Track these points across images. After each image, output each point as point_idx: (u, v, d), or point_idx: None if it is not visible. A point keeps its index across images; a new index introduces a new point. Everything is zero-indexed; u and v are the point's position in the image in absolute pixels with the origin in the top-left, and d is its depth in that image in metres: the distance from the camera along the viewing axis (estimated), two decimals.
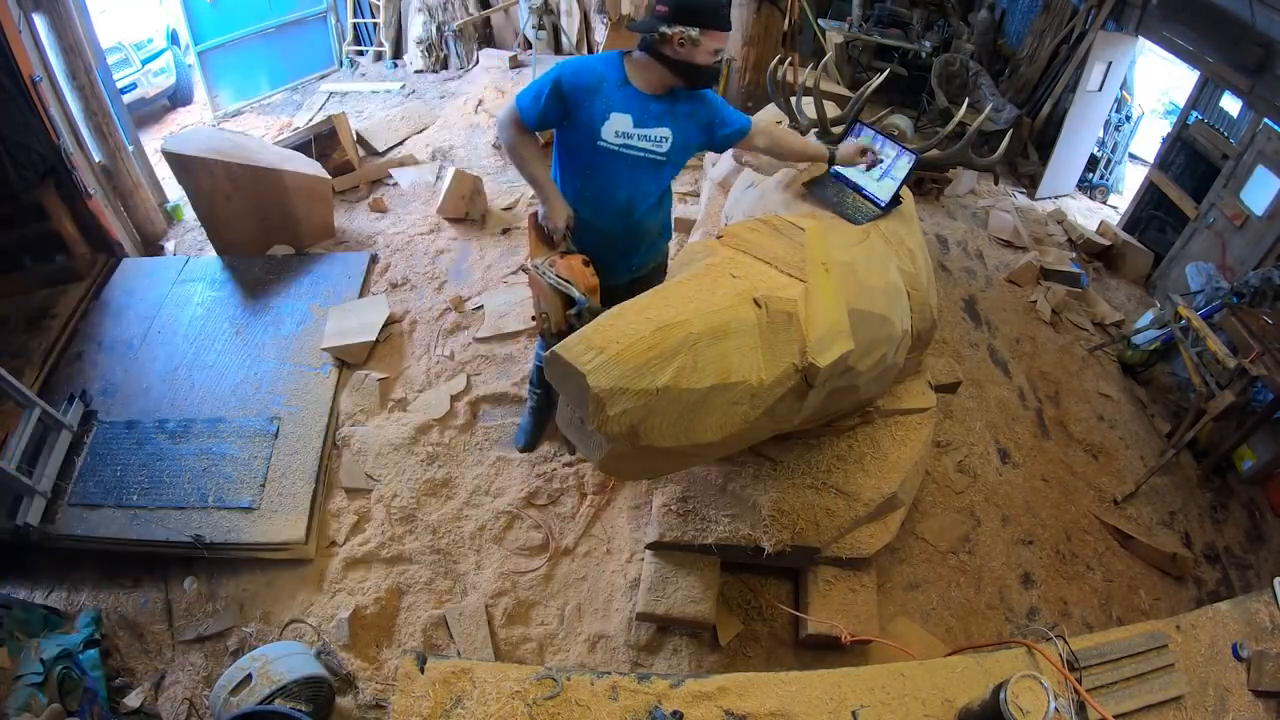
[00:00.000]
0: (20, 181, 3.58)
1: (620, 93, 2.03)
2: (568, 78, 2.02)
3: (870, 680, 1.49)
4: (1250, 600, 1.73)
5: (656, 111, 2.06)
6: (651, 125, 2.07)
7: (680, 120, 2.10)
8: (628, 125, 2.05)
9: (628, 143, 2.07)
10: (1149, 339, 3.99)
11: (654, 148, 2.10)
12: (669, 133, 2.09)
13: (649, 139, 2.08)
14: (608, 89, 2.03)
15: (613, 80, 2.03)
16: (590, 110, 2.03)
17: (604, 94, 2.03)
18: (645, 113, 2.05)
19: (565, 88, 2.02)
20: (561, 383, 1.57)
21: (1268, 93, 4.06)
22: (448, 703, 1.32)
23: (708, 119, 2.14)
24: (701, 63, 1.96)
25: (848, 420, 2.47)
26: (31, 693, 2.13)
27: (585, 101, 2.02)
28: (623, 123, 2.04)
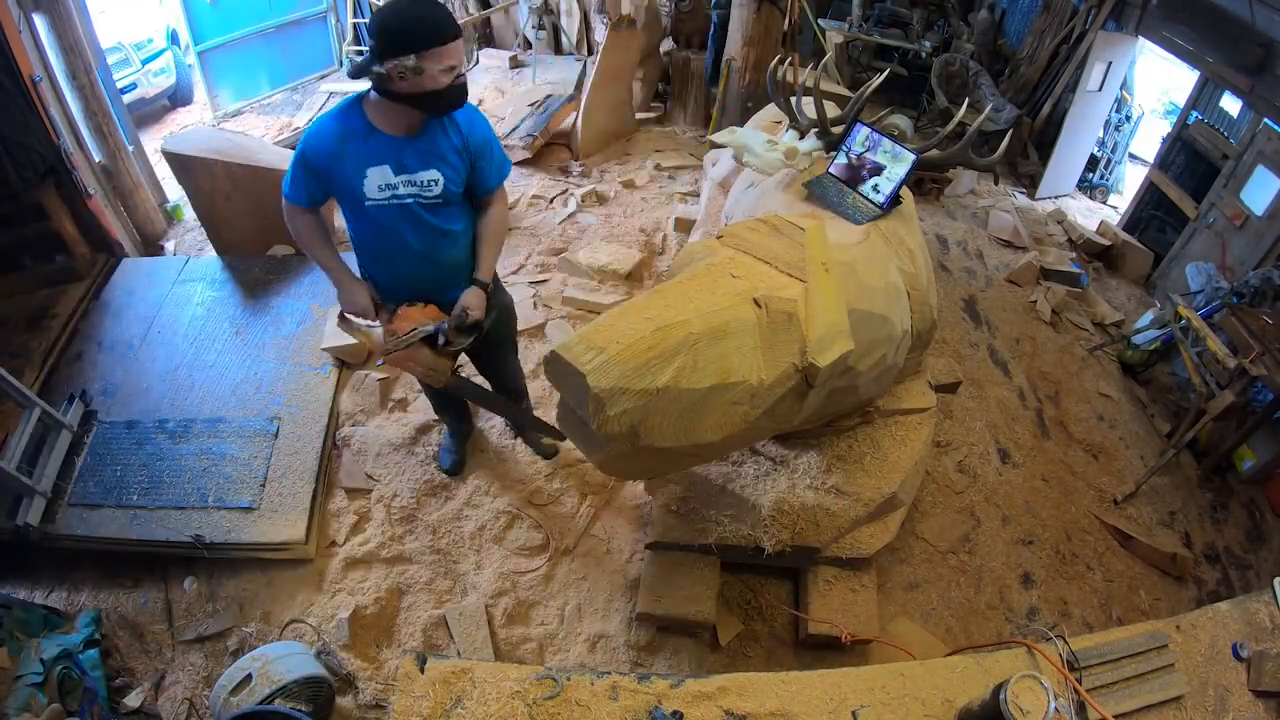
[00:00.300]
0: (20, 181, 3.57)
1: (370, 144, 1.86)
2: (310, 150, 1.87)
3: (870, 680, 1.49)
4: (1250, 600, 1.73)
5: (416, 154, 1.89)
6: (415, 170, 1.90)
7: (448, 157, 1.93)
8: (389, 176, 1.89)
9: (395, 194, 1.92)
10: (1149, 339, 3.99)
11: (424, 192, 1.94)
12: (438, 175, 1.92)
13: (416, 184, 1.92)
14: (354, 146, 1.85)
15: (357, 133, 1.85)
16: (345, 173, 1.87)
17: (353, 152, 1.85)
18: (404, 158, 1.88)
19: (310, 160, 1.88)
20: (561, 383, 1.57)
21: (1268, 93, 4.06)
22: (448, 703, 1.32)
23: (474, 150, 1.97)
24: (435, 88, 1.74)
25: (848, 420, 2.47)
26: (31, 693, 2.13)
27: (336, 166, 1.87)
28: (382, 175, 1.88)
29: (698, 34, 5.86)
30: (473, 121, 1.97)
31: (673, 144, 5.70)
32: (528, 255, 4.30)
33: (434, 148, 1.91)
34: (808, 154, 2.42)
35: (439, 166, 1.92)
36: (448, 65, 1.74)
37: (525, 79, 6.29)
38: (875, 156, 2.29)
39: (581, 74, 5.61)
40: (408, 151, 1.88)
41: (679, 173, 5.22)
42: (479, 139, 1.97)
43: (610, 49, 5.07)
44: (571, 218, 4.66)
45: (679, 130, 5.95)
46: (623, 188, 4.98)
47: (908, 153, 2.22)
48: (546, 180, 5.06)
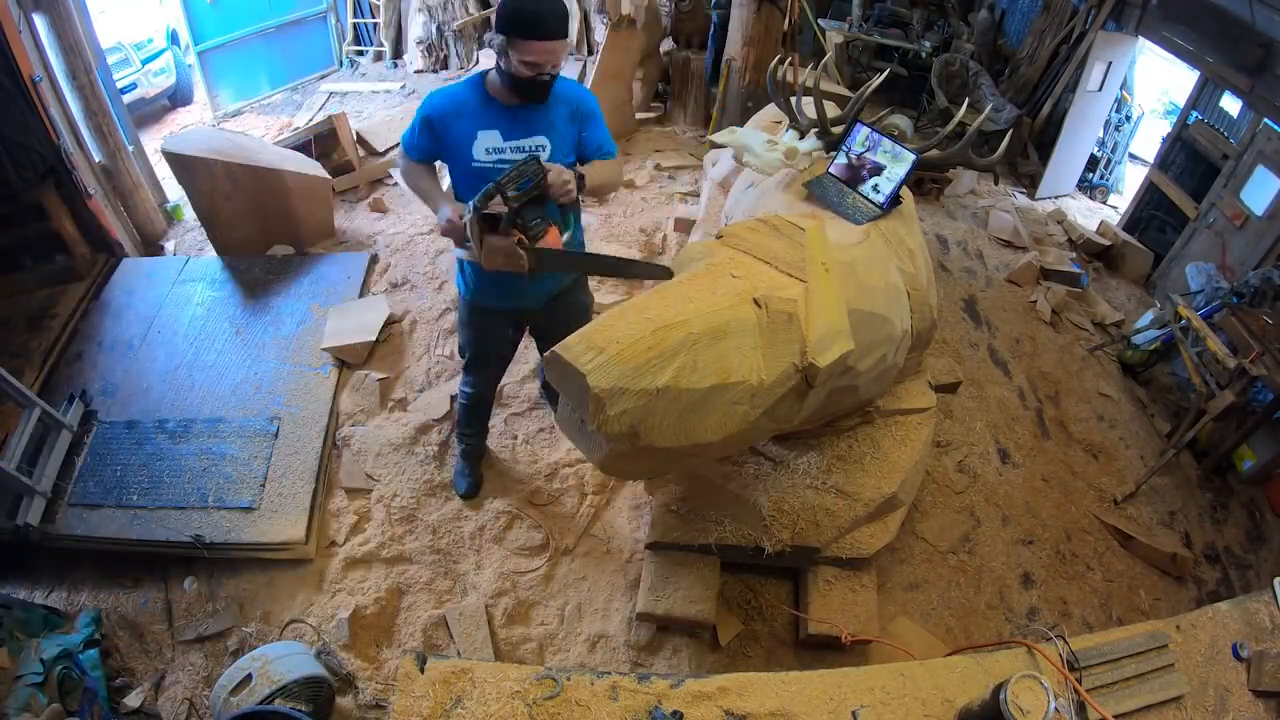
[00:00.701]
0: (20, 181, 3.58)
1: (485, 111, 1.98)
2: (433, 108, 2.00)
3: (870, 680, 1.49)
4: (1250, 600, 1.73)
5: (527, 121, 1.99)
6: (522, 136, 2.00)
7: (557, 125, 2.03)
8: (497, 140, 1.99)
9: (501, 158, 2.00)
10: (1149, 339, 3.99)
11: (522, 153, 2.01)
12: (545, 141, 2.01)
13: (524, 150, 2.00)
14: (471, 109, 1.98)
15: (475, 100, 1.98)
16: (457, 134, 1.99)
17: (468, 115, 1.98)
18: (514, 125, 1.99)
19: (433, 117, 2.00)
20: (561, 383, 1.57)
21: (1268, 93, 4.06)
22: (448, 703, 1.32)
23: (583, 116, 2.08)
24: (517, 74, 1.86)
25: (848, 420, 2.47)
26: (31, 693, 2.13)
27: (453, 126, 1.99)
28: (491, 139, 1.99)
29: (698, 34, 5.86)
30: (581, 95, 2.09)
31: (673, 144, 5.69)
32: None
33: (544, 115, 2.00)
34: (808, 154, 2.42)
35: (547, 133, 2.01)
36: (529, 59, 1.82)
37: None
38: (875, 156, 2.29)
39: (581, 74, 5.61)
40: (518, 119, 1.99)
41: (679, 173, 5.22)
42: (587, 108, 2.08)
43: (610, 49, 5.08)
44: None
45: (679, 130, 5.95)
46: (623, 187, 4.98)
47: (908, 153, 2.22)
48: None
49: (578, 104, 2.06)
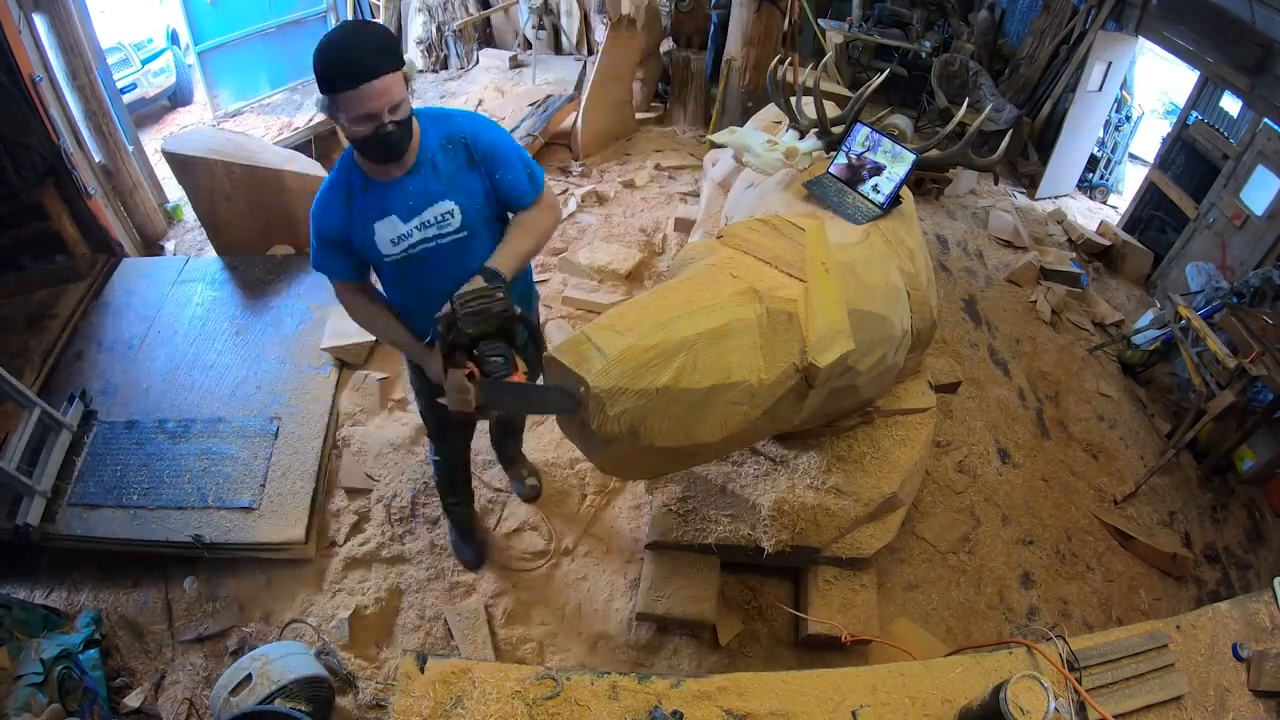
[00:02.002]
0: (20, 181, 3.57)
1: (369, 195, 1.64)
2: (317, 221, 1.69)
3: (870, 680, 1.49)
4: (1250, 600, 1.73)
5: (417, 188, 1.64)
6: (422, 208, 1.66)
7: (456, 179, 1.67)
8: (397, 226, 1.66)
9: (410, 244, 1.68)
10: (1149, 339, 3.99)
11: (443, 230, 1.69)
12: (450, 205, 1.67)
13: (431, 224, 1.67)
14: (357, 200, 1.65)
15: (355, 186, 1.65)
16: (358, 236, 1.67)
17: (356, 208, 1.65)
18: (406, 199, 1.64)
19: (324, 235, 1.70)
20: (562, 383, 1.57)
21: (1268, 93, 4.06)
22: (448, 703, 1.32)
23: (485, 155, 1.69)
24: (355, 136, 1.51)
25: (848, 420, 2.47)
26: (31, 693, 2.13)
27: (346, 229, 1.67)
28: (390, 227, 1.65)
29: (698, 34, 5.86)
30: (475, 129, 1.70)
31: (673, 144, 5.69)
32: None
33: (432, 173, 1.65)
34: (808, 154, 2.42)
35: (450, 195, 1.67)
36: (360, 113, 1.45)
37: (525, 79, 6.29)
38: (875, 156, 2.29)
39: (581, 74, 5.61)
40: (406, 189, 1.63)
41: (679, 173, 5.22)
42: (485, 144, 1.69)
43: (610, 49, 5.07)
44: (571, 218, 4.66)
45: (679, 130, 5.95)
46: (623, 188, 4.98)
47: (908, 153, 2.22)
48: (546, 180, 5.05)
49: (471, 141, 1.68)
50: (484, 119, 1.76)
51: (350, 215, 1.66)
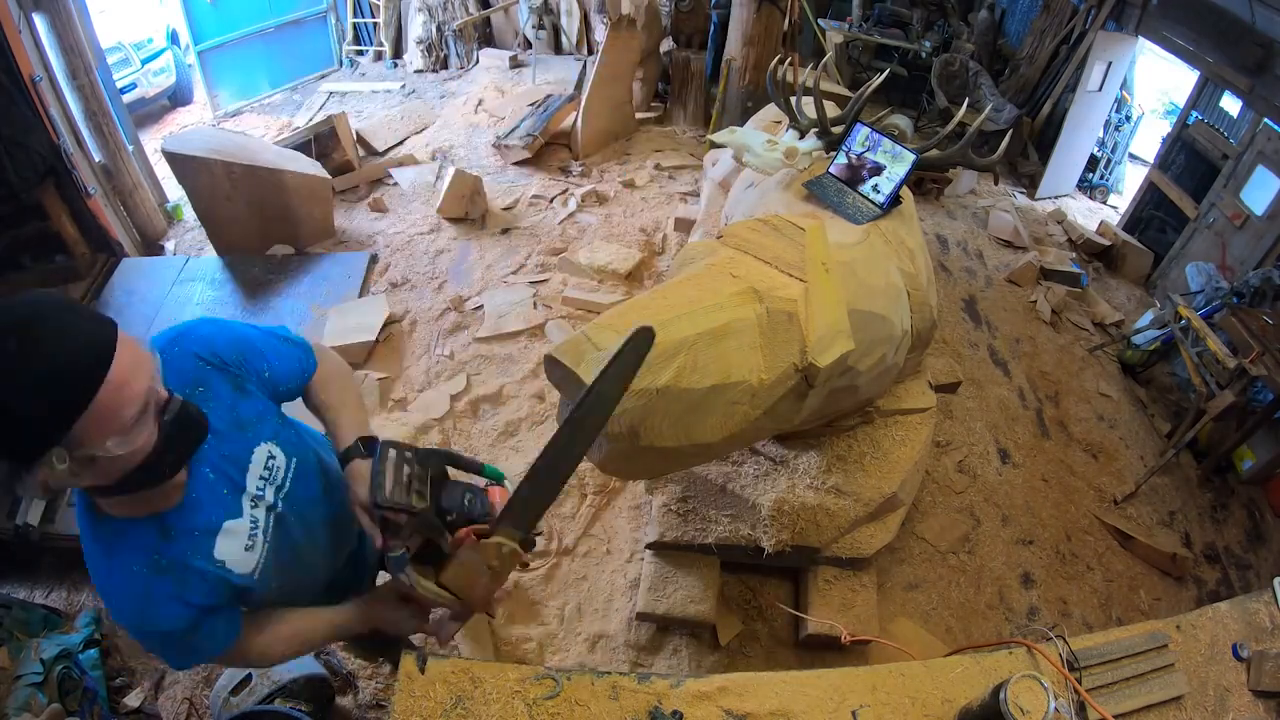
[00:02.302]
0: (20, 181, 3.58)
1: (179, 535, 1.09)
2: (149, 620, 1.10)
3: (870, 680, 1.48)
4: (1250, 600, 1.73)
5: (224, 460, 1.15)
6: (245, 477, 1.18)
7: (240, 413, 1.19)
8: (238, 524, 1.16)
9: (255, 527, 1.19)
10: (1149, 339, 3.99)
11: (283, 482, 1.25)
12: (267, 447, 1.22)
13: (268, 483, 1.22)
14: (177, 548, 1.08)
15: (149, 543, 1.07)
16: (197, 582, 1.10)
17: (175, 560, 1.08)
18: (219, 497, 1.14)
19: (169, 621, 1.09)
20: (561, 384, 1.57)
21: (1268, 93, 4.06)
22: (448, 703, 1.32)
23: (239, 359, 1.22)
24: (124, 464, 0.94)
25: (848, 420, 2.47)
26: (31, 693, 2.13)
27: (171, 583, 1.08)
28: (231, 535, 1.15)
29: (698, 34, 5.86)
30: (212, 341, 1.21)
31: (673, 144, 5.70)
32: (528, 255, 4.30)
33: (229, 429, 1.16)
34: (808, 154, 2.42)
35: (258, 438, 1.21)
36: (126, 419, 0.90)
37: (525, 79, 6.29)
38: (875, 156, 2.29)
39: (581, 74, 5.61)
40: (220, 477, 1.15)
41: (679, 173, 5.22)
42: (226, 350, 1.21)
43: (610, 49, 5.08)
44: (571, 218, 4.66)
45: (679, 130, 5.95)
46: (623, 188, 4.98)
47: (908, 153, 2.22)
48: (546, 180, 5.06)
49: (225, 363, 1.19)
50: (209, 323, 1.25)
51: (182, 573, 1.08)
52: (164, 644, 1.15)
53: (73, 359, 0.86)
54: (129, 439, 0.92)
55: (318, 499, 1.34)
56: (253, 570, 1.18)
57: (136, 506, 1.06)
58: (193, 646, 1.15)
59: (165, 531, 1.08)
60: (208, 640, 1.16)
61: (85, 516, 1.08)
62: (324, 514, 1.36)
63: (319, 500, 1.34)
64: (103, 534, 1.07)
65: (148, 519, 1.07)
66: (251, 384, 1.23)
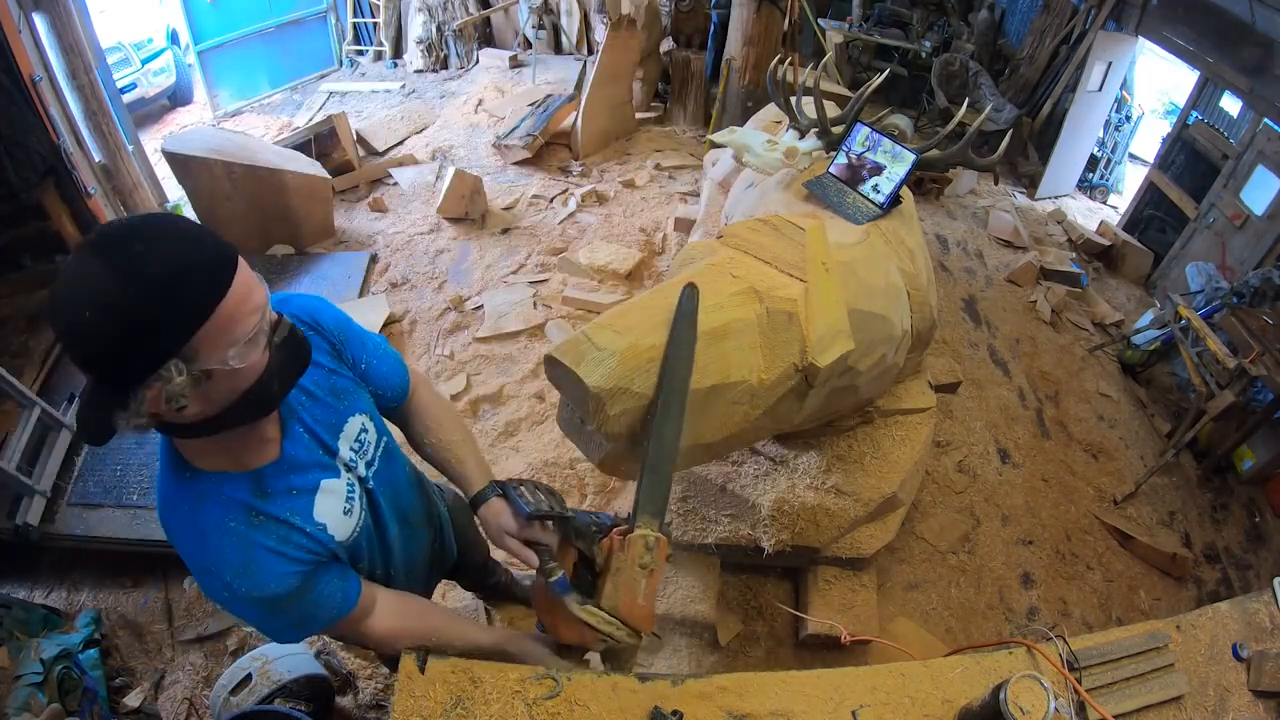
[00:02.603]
0: (20, 181, 3.57)
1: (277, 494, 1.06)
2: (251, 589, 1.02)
3: (870, 680, 1.48)
4: (1250, 600, 1.73)
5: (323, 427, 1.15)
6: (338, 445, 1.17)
7: (338, 385, 1.19)
8: (337, 491, 1.15)
9: (351, 498, 1.17)
10: (1149, 339, 3.99)
11: (373, 457, 1.25)
12: (359, 419, 1.21)
13: (358, 455, 1.21)
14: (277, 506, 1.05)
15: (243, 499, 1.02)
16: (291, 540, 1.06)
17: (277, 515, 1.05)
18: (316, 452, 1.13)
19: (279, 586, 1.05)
20: (561, 383, 1.57)
21: (1268, 93, 4.06)
22: (448, 703, 1.32)
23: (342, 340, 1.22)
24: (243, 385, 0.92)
25: (848, 420, 2.47)
26: (31, 692, 2.13)
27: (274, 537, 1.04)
28: (329, 495, 1.13)
29: (698, 34, 5.87)
30: (315, 311, 1.20)
31: (673, 144, 5.70)
32: (528, 255, 4.30)
33: (324, 395, 1.16)
34: (808, 154, 2.42)
35: (353, 409, 1.20)
36: (245, 331, 0.89)
37: (525, 79, 6.29)
38: (875, 156, 2.29)
39: (581, 74, 5.61)
40: (312, 438, 1.14)
41: (679, 173, 5.22)
42: (334, 326, 1.22)
43: (610, 49, 5.08)
44: (571, 217, 4.66)
45: (679, 130, 5.95)
46: (623, 188, 4.98)
47: (908, 153, 2.22)
48: (546, 180, 5.06)
49: (323, 330, 1.19)
50: (314, 299, 1.23)
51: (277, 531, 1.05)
52: (274, 612, 1.06)
53: (199, 263, 0.85)
54: (245, 352, 0.90)
55: (403, 487, 1.33)
56: (350, 536, 1.16)
57: (232, 458, 1.03)
58: (307, 612, 1.08)
59: (261, 488, 1.04)
60: (323, 603, 1.09)
61: (168, 477, 1.03)
62: (407, 505, 1.35)
63: (404, 489, 1.34)
64: (191, 494, 1.01)
65: (242, 475, 1.02)
66: (345, 360, 1.22)
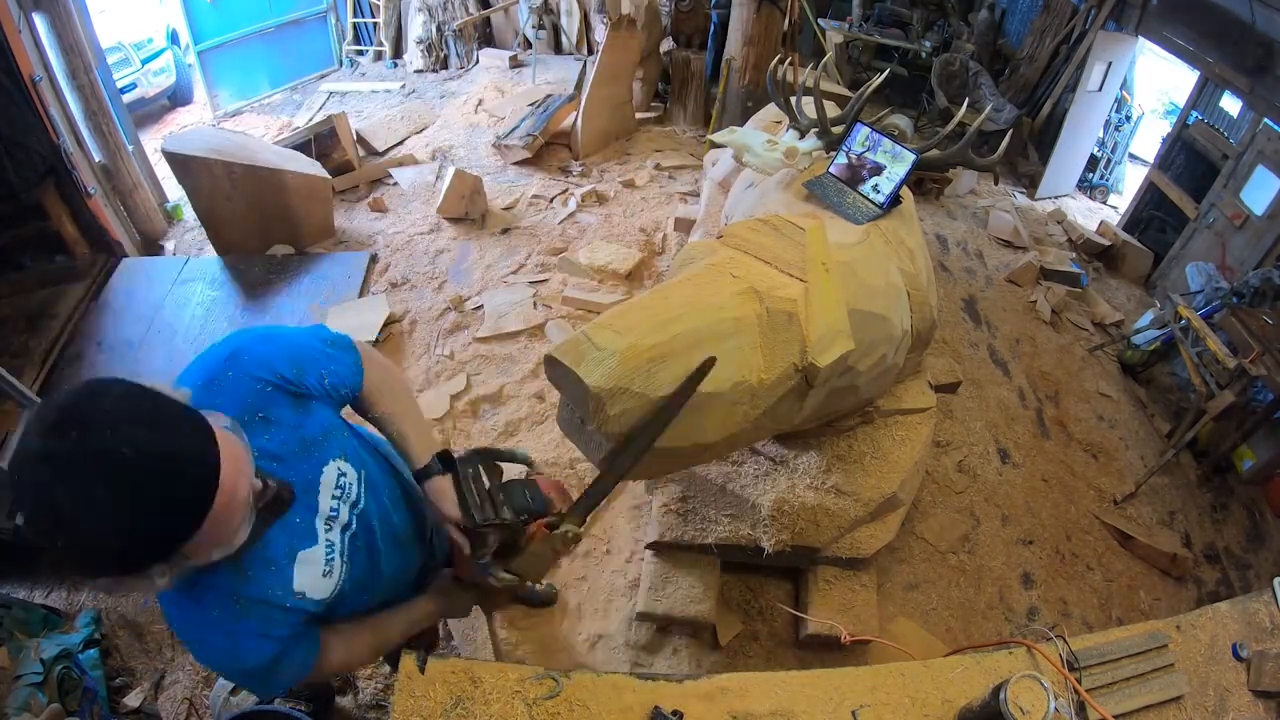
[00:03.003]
0: (20, 181, 3.58)
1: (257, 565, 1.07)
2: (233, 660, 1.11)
3: (870, 680, 1.48)
4: (1250, 600, 1.73)
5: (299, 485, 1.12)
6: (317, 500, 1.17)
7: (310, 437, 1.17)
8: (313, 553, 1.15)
9: (332, 553, 1.18)
10: (1149, 339, 3.99)
11: (355, 500, 1.25)
12: (337, 466, 1.21)
13: (343, 503, 1.22)
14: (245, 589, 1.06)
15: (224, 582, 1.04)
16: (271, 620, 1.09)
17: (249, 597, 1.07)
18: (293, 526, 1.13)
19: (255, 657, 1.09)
20: (561, 383, 1.56)
21: (1268, 93, 4.06)
22: (448, 703, 1.32)
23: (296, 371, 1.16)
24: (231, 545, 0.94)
25: (848, 420, 2.47)
26: (31, 692, 2.13)
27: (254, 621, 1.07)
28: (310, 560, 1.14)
29: (698, 34, 5.87)
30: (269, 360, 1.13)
31: (673, 144, 5.70)
32: (528, 255, 4.30)
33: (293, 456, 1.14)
34: (808, 154, 2.42)
35: (326, 457, 1.20)
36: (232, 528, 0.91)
37: (525, 79, 6.29)
38: (875, 156, 2.29)
39: (581, 74, 5.61)
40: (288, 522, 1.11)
41: (679, 173, 5.22)
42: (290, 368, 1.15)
43: (610, 49, 5.08)
44: (571, 217, 4.66)
45: (679, 130, 5.95)
46: (623, 188, 4.98)
47: (908, 153, 2.22)
48: (546, 180, 5.06)
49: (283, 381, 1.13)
50: (247, 335, 1.17)
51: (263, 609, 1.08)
52: (251, 678, 1.18)
53: (179, 494, 0.82)
54: (233, 543, 0.92)
55: (390, 510, 1.35)
56: (331, 594, 1.19)
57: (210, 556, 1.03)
58: (278, 676, 1.16)
59: (240, 571, 1.06)
60: (292, 667, 1.16)
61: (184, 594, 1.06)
62: (398, 526, 1.37)
63: (392, 511, 1.36)
64: (179, 585, 1.03)
65: (221, 562, 1.01)
66: (313, 397, 1.20)
